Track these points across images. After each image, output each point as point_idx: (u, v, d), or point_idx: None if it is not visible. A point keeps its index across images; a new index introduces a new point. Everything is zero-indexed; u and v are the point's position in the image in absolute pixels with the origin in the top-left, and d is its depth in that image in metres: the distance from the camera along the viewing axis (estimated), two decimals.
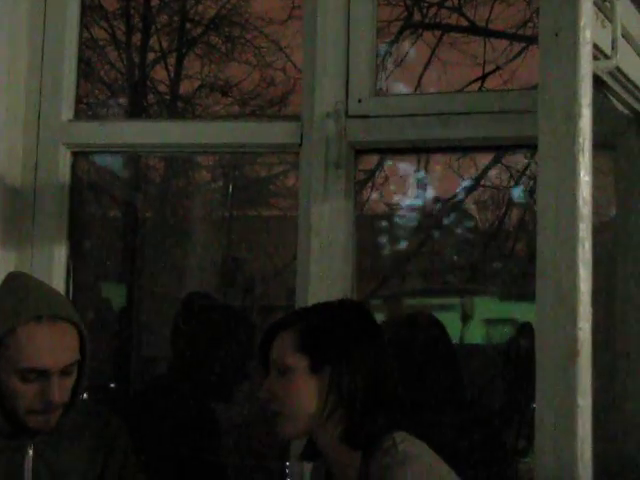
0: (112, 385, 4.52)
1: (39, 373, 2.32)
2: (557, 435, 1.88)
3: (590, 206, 1.91)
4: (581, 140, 1.91)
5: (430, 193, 4.89)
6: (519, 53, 4.74)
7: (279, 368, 2.23)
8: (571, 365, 1.87)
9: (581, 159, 1.90)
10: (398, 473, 2.09)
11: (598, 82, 2.18)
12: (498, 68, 4.69)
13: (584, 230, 1.89)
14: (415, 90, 4.37)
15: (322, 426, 2.21)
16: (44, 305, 2.37)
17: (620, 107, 2.48)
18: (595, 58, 2.03)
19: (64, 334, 2.37)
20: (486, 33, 4.82)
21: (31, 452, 2.42)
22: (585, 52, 1.94)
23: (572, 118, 1.91)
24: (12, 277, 2.51)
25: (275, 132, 3.05)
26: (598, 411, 1.97)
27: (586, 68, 1.93)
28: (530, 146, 2.05)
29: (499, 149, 3.64)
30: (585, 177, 1.91)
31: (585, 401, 1.88)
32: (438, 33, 4.97)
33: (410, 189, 4.84)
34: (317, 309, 2.35)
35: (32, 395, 2.33)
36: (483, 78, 4.67)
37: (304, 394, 2.20)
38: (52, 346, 2.33)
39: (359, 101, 2.92)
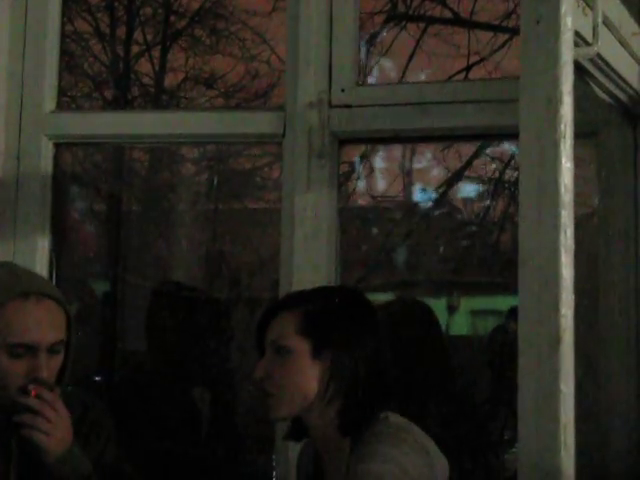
0: (96, 378, 4.51)
1: (27, 348, 2.32)
2: (540, 421, 1.88)
3: (572, 193, 1.91)
4: (562, 127, 1.91)
5: (415, 184, 4.89)
6: (503, 44, 4.74)
7: (278, 349, 2.20)
8: (554, 352, 1.87)
9: (562, 146, 1.90)
10: (388, 439, 2.09)
11: (580, 70, 2.18)
12: (482, 59, 4.68)
13: (566, 217, 1.89)
14: (399, 81, 4.38)
15: (319, 411, 2.19)
16: (32, 284, 2.39)
17: (602, 95, 2.49)
18: (576, 45, 2.03)
19: (52, 311, 2.38)
20: (470, 25, 4.82)
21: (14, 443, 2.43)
22: (566, 39, 1.94)
23: (553, 105, 1.91)
24: None
25: (258, 122, 3.04)
26: (581, 400, 1.97)
27: (567, 55, 1.93)
28: (514, 135, 2.04)
29: (483, 138, 3.64)
30: (567, 164, 1.91)
31: (568, 387, 1.88)
32: (422, 25, 4.96)
33: (395, 180, 4.83)
34: (319, 293, 2.33)
35: (21, 373, 2.32)
36: (467, 69, 4.66)
37: (303, 377, 2.18)
38: (40, 322, 2.34)
39: (342, 91, 2.92)
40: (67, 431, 2.34)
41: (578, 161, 1.99)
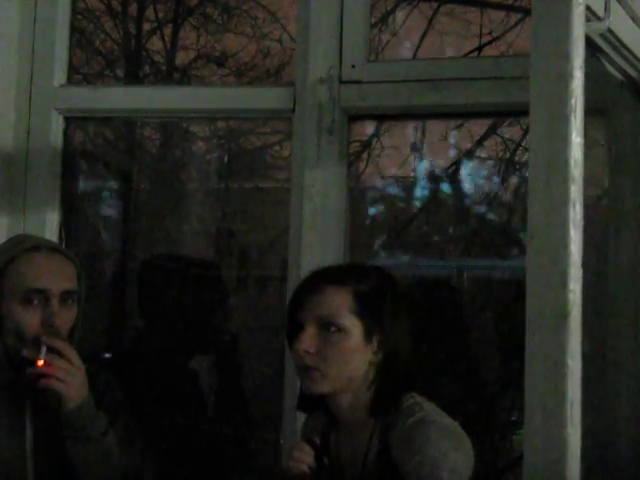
0: (106, 355, 4.52)
1: (40, 294, 2.43)
2: (546, 397, 1.88)
3: (581, 168, 1.91)
4: (573, 101, 1.90)
5: (426, 164, 4.87)
6: (515, 24, 4.70)
7: (328, 325, 2.19)
8: (561, 327, 1.87)
9: (573, 120, 1.89)
10: (430, 427, 2.10)
11: (591, 46, 2.17)
12: (495, 39, 4.64)
13: (575, 192, 1.89)
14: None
15: (355, 392, 2.21)
16: (42, 240, 2.61)
17: (612, 71, 2.48)
18: (588, 20, 2.02)
19: (62, 262, 2.50)
20: (482, 4, 4.79)
21: (29, 415, 2.48)
22: (578, 13, 1.92)
23: (564, 79, 1.90)
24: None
25: (268, 98, 3.05)
26: (589, 380, 1.97)
27: (579, 29, 1.92)
28: (525, 113, 2.04)
29: (494, 115, 3.62)
30: (577, 139, 1.90)
31: (575, 363, 1.88)
32: (435, 4, 4.93)
33: (405, 160, 4.81)
34: (365, 271, 2.31)
35: (35, 322, 2.42)
36: (480, 49, 4.63)
37: (355, 359, 2.18)
38: (51, 270, 2.46)
39: (353, 67, 2.92)
40: (83, 379, 2.40)
41: (588, 142, 1.98)
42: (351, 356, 2.18)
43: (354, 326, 2.18)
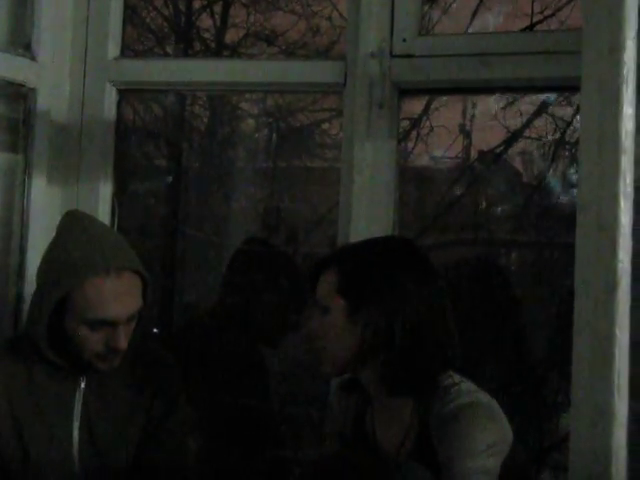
0: (155, 330, 4.56)
1: (107, 323, 2.36)
2: (594, 366, 1.89)
3: (633, 139, 1.91)
4: (625, 72, 1.90)
5: (474, 143, 4.85)
6: (568, 2, 4.66)
7: (321, 307, 2.24)
8: (610, 297, 1.87)
9: (624, 91, 1.90)
10: (468, 412, 2.10)
11: None
12: (546, 17, 4.61)
13: (626, 162, 1.89)
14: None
15: (364, 368, 2.23)
16: (111, 257, 2.38)
17: None
18: None
19: (130, 285, 2.40)
20: None
21: (83, 384, 2.50)
22: None
23: (616, 50, 1.90)
24: (73, 221, 2.49)
25: (319, 72, 3.05)
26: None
27: None
28: (577, 88, 2.03)
29: (545, 91, 3.60)
30: (628, 110, 1.90)
31: (623, 334, 1.88)
32: None
33: (454, 139, 4.80)
34: (359, 248, 2.33)
35: (99, 342, 2.39)
36: (531, 27, 4.60)
37: (341, 336, 2.21)
38: (119, 297, 2.36)
39: (404, 40, 2.91)
40: None
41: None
42: (337, 332, 2.21)
43: (337, 304, 2.21)
